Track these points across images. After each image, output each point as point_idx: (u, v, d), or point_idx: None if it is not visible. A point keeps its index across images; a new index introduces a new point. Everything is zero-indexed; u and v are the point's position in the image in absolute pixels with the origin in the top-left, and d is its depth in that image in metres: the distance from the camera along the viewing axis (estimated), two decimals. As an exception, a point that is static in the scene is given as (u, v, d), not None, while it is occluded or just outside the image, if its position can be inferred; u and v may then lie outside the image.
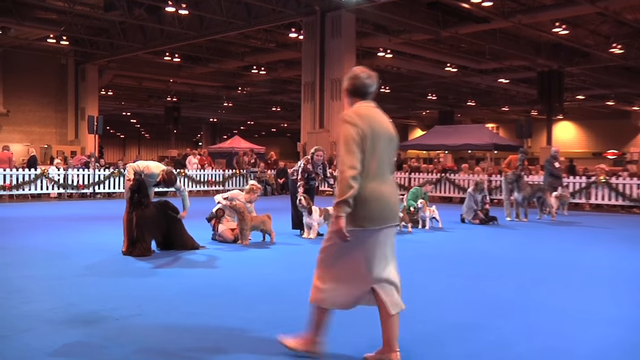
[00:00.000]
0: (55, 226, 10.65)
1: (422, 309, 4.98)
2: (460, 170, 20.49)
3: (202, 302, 5.05)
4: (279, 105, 47.52)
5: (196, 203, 17.00)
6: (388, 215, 3.45)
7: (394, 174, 3.63)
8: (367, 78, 3.58)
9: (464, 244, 9.45)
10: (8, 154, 18.77)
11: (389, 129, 3.53)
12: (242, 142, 31.49)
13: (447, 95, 41.97)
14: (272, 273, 6.50)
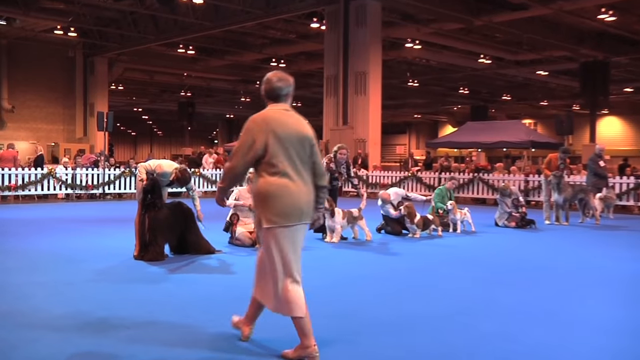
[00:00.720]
0: (63, 229, 10.81)
1: (453, 316, 4.95)
2: (494, 169, 20.31)
3: (218, 309, 5.08)
4: (300, 100, 47.59)
5: (212, 204, 17.14)
6: (297, 213, 3.82)
7: (316, 171, 4.01)
8: (278, 82, 4.03)
9: (498, 248, 9.37)
10: (13, 152, 19.02)
11: (300, 130, 3.93)
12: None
13: (480, 89, 41.63)
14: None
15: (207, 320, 4.74)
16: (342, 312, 5.09)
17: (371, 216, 10.78)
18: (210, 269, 7.02)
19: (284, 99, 4.04)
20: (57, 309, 4.99)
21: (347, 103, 23.57)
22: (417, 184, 20.45)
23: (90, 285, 5.98)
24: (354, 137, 23.18)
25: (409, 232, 10.48)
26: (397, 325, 4.75)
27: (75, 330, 4.44)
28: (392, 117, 51.21)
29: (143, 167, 7.85)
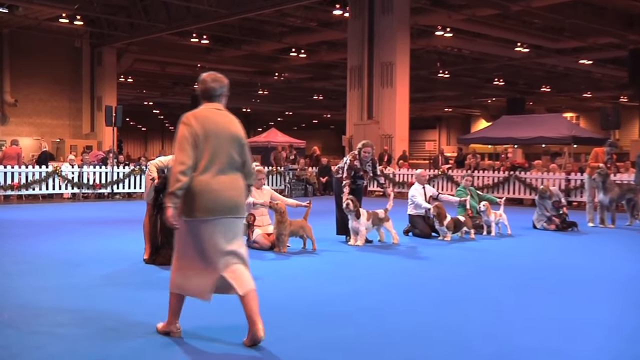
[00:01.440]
0: (68, 230, 10.92)
1: (485, 326, 4.90)
2: (532, 167, 20.11)
3: (233, 318, 5.09)
4: (322, 93, 47.64)
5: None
6: (220, 207, 4.28)
7: (246, 170, 4.52)
8: (213, 82, 4.57)
9: (537, 253, 9.27)
10: (17, 149, 19.24)
11: (229, 128, 4.44)
12: (279, 136, 31.73)
13: (516, 80, 41.28)
14: (313, 286, 6.51)
15: (222, 329, 4.75)
16: (366, 323, 5.07)
17: (398, 217, 10.74)
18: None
19: (218, 99, 4.58)
20: (62, 316, 5.04)
21: (372, 96, 23.52)
22: (447, 183, 20.33)
23: (97, 291, 6.03)
24: (380, 132, 23.12)
25: (439, 234, 10.42)
26: (427, 338, 4.71)
27: (82, 338, 4.48)
28: (420, 111, 50.99)
29: (153, 165, 7.88)
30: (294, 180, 21.79)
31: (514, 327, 5.00)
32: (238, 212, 4.39)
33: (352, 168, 9.84)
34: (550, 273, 7.54)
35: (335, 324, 4.98)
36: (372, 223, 9.58)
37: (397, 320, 5.11)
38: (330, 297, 5.93)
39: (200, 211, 4.26)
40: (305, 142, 32.40)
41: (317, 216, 10.53)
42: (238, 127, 4.54)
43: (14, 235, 10.30)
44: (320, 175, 22.49)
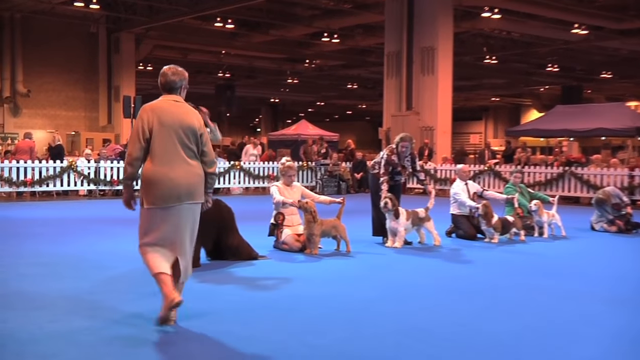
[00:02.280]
0: (84, 230, 11.10)
1: (539, 338, 4.86)
2: (589, 162, 19.83)
3: (261, 324, 5.13)
4: (356, 81, 47.56)
5: (254, 203, 17.39)
6: (174, 195, 4.92)
7: (205, 158, 5.11)
8: (173, 75, 5.19)
9: (595, 257, 9.16)
10: (29, 142, 19.59)
11: (185, 119, 5.02)
12: (310, 128, 31.77)
13: (573, 65, 40.68)
14: (347, 290, 6.52)
15: (246, 337, 4.79)
16: (406, 331, 5.06)
17: (440, 217, 10.70)
18: (253, 277, 7.08)
19: (177, 91, 5.20)
20: (77, 322, 5.13)
21: (412, 84, 23.42)
22: (494, 180, 20.17)
23: (115, 296, 6.12)
24: (420, 124, 23.02)
25: (485, 236, 10.35)
26: (471, 349, 4.70)
27: (99, 345, 4.56)
28: (465, 100, 50.60)
29: None
30: (326, 177, 21.82)
31: (573, 337, 4.95)
32: (193, 198, 5.03)
33: (390, 163, 9.83)
34: (610, 279, 7.45)
35: (371, 332, 4.99)
36: (412, 223, 9.56)
37: (437, 330, 5.10)
38: (366, 303, 5.94)
39: (155, 199, 4.92)
40: (338, 135, 32.38)
41: (351, 215, 10.54)
42: (194, 117, 5.12)
43: (27, 235, 10.50)
44: (354, 171, 22.50)
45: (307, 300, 6.03)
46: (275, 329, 5.02)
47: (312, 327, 5.10)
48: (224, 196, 17.46)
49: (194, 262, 7.42)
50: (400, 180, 10.16)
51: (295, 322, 5.24)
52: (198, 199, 5.09)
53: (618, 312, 5.80)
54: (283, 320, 5.27)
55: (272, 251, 8.89)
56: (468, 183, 11.00)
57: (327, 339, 4.78)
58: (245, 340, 4.70)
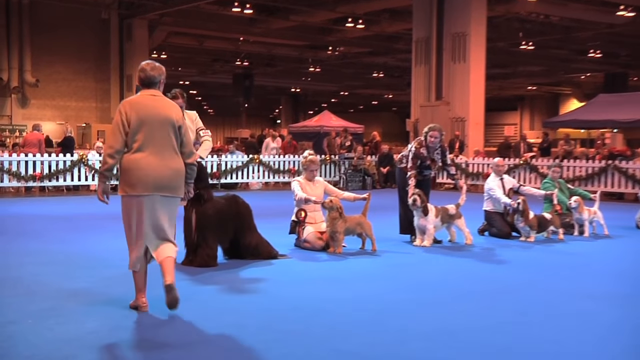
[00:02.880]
0: (97, 227, 11.22)
1: (581, 345, 4.83)
2: (635, 156, 19.62)
3: (282, 327, 5.16)
4: (382, 69, 47.42)
5: (274, 199, 17.42)
6: (149, 185, 5.38)
7: (183, 149, 5.62)
8: (152, 70, 5.65)
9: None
10: (38, 135, 19.83)
11: (162, 113, 5.50)
12: (333, 119, 31.77)
13: (617, 50, 40.20)
14: (373, 291, 6.53)
15: (268, 341, 4.81)
16: (434, 337, 5.06)
17: (472, 214, 10.67)
18: (273, 278, 7.11)
19: (156, 85, 5.65)
20: (90, 323, 5.19)
21: (442, 73, 23.32)
22: (530, 174, 20.03)
23: (130, 297, 6.18)
24: (451, 115, 22.93)
25: (521, 234, 10.30)
26: (508, 354, 4.68)
27: (111, 349, 4.62)
28: (498, 90, 50.25)
29: None
30: (350, 171, 21.83)
31: (621, 350, 4.91)
32: (169, 191, 5.50)
33: (418, 157, 9.81)
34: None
35: (398, 336, 4.99)
36: (442, 220, 9.54)
37: (467, 335, 5.08)
38: (392, 305, 5.94)
39: (129, 187, 5.42)
40: (363, 127, 32.34)
41: (377, 212, 10.54)
42: (172, 111, 5.59)
43: (37, 232, 10.62)
44: (380, 165, 22.47)
45: (331, 302, 6.04)
46: (297, 332, 5.04)
47: (336, 330, 5.12)
48: (242, 192, 17.52)
49: (211, 261, 7.54)
50: (430, 175, 10.12)
51: (318, 325, 5.26)
52: (173, 193, 5.55)
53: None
54: (306, 323, 5.29)
55: (293, 250, 8.92)
56: (504, 178, 10.94)
57: (352, 344, 4.78)
58: (266, 344, 4.73)
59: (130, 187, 5.41)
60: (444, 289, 6.80)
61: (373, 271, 7.72)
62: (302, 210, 9.05)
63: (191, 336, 4.91)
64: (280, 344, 4.75)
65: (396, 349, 4.71)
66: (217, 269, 7.45)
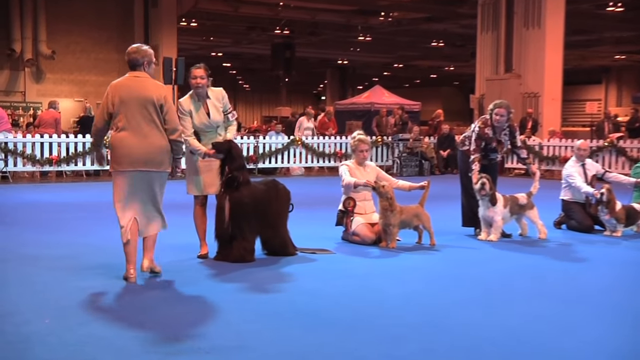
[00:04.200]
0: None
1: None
2: None
3: (328, 330, 5.19)
4: (442, 38, 47.00)
5: (318, 186, 17.43)
6: (132, 161, 6.57)
7: (167, 126, 6.68)
8: (135, 53, 6.84)
9: None
10: (54, 113, 20.09)
11: (142, 93, 6.62)
12: (385, 96, 31.67)
13: None
14: (430, 291, 6.55)
15: (314, 344, 4.86)
16: (500, 343, 5.05)
17: (547, 204, 10.56)
18: (316, 276, 7.15)
19: (141, 67, 6.78)
20: (113, 325, 5.28)
21: (512, 41, 23.07)
22: (617, 158, 19.73)
23: (157, 295, 6.28)
24: (522, 90, 22.71)
25: (605, 228, 10.16)
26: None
27: (137, 354, 4.70)
28: (580, 60, 49.48)
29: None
30: (405, 155, 21.75)
31: None
32: (153, 166, 6.63)
33: (482, 138, 9.72)
34: None
35: (458, 343, 4.99)
36: (511, 211, 9.47)
37: (540, 344, 5.06)
38: (450, 307, 5.94)
39: (116, 163, 6.64)
40: (420, 104, 32.18)
41: (436, 201, 10.51)
42: (152, 90, 6.67)
43: (54, 222, 10.82)
44: (440, 147, 22.35)
45: (382, 302, 6.07)
46: (345, 336, 5.07)
47: (388, 334, 5.14)
48: (281, 178, 17.60)
49: (248, 255, 7.59)
50: (496, 159, 10.03)
51: (368, 328, 5.28)
52: (157, 167, 6.66)
53: None
54: (354, 327, 5.31)
55: (340, 244, 8.95)
56: (586, 163, 10.76)
57: (406, 350, 4.80)
58: (309, 349, 4.78)
59: (117, 164, 6.63)
60: (512, 290, 6.77)
61: (431, 269, 7.73)
62: (350, 199, 9.05)
63: (228, 340, 4.96)
64: (325, 348, 4.79)
65: (456, 355, 4.72)
66: (253, 265, 7.52)
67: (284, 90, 50.45)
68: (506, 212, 9.42)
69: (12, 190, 15.66)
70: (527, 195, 9.56)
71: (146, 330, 5.15)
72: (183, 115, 7.78)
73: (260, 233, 7.94)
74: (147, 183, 6.68)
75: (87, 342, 4.86)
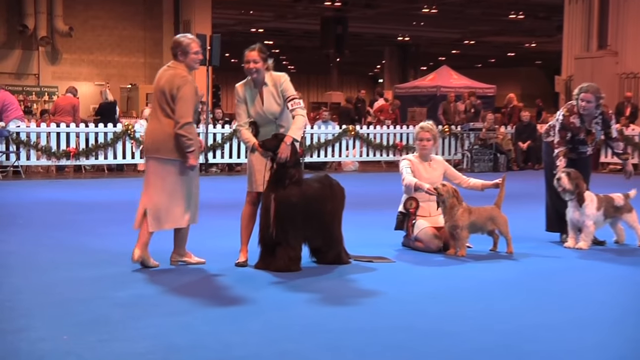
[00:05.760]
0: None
1: None
2: None
3: (386, 353, 5.18)
4: (521, 9, 46.62)
5: (374, 184, 17.37)
6: (146, 148, 7.98)
7: (175, 116, 7.64)
8: (172, 44, 7.93)
9: None
10: (72, 99, 20.22)
11: (157, 83, 7.84)
12: (453, 78, 31.51)
13: None
14: (507, 309, 6.49)
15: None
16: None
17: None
18: (373, 288, 7.13)
19: (176, 58, 7.84)
20: (139, 342, 5.31)
21: (607, 11, 22.78)
22: None
23: (188, 308, 6.31)
24: (619, 70, 22.43)
25: None
26: None
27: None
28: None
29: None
30: (476, 147, 21.63)
31: None
32: (160, 153, 7.69)
33: (567, 128, 9.56)
34: None
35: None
36: (605, 214, 9.33)
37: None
38: (532, 328, 5.88)
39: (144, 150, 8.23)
40: (494, 88, 31.94)
41: (514, 202, 10.43)
42: (166, 80, 7.73)
43: (74, 224, 10.96)
44: (518, 138, 22.17)
45: (449, 320, 6.03)
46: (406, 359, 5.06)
47: (456, 358, 5.12)
48: (332, 173, 17.59)
49: (293, 265, 7.60)
50: (587, 152, 9.88)
51: (432, 350, 5.23)
52: (164, 155, 7.66)
53: None
54: (416, 348, 5.28)
55: (400, 250, 8.95)
56: None
57: None
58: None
59: (144, 151, 8.23)
60: (605, 307, 6.69)
61: (507, 281, 7.65)
62: (412, 199, 8.98)
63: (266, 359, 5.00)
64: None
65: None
66: (299, 275, 7.54)
67: (335, 72, 50.30)
68: (599, 215, 9.27)
69: (24, 187, 15.89)
70: (624, 196, 9.39)
71: (184, 350, 5.17)
72: (237, 102, 8.04)
73: (310, 238, 7.93)
74: (153, 171, 7.75)
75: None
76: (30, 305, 6.38)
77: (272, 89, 7.94)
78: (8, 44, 31.51)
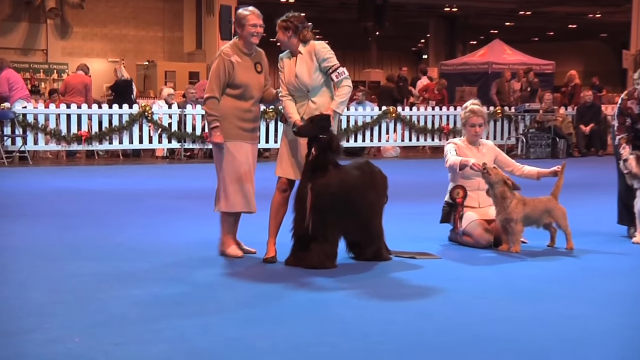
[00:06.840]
0: (167, 209, 11.50)
1: None
2: None
3: (437, 359, 5.21)
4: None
5: (417, 171, 17.29)
6: None
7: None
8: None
9: None
10: (84, 77, 20.28)
11: None
12: (507, 53, 31.34)
13: None
14: (566, 310, 6.46)
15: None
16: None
17: None
18: (415, 287, 7.14)
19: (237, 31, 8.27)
20: (158, 345, 5.36)
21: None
22: None
23: (210, 309, 6.36)
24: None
25: None
26: None
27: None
28: None
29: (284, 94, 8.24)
30: (532, 130, 21.51)
31: None
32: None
33: (625, 113, 9.48)
34: None
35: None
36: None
37: None
38: (595, 333, 5.86)
39: None
40: (553, 64, 31.73)
41: (575, 192, 10.36)
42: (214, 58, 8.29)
43: (85, 215, 11.03)
44: (580, 121, 22.01)
45: (500, 323, 6.01)
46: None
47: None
48: (372, 159, 17.58)
49: (327, 262, 7.60)
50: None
51: (481, 356, 5.23)
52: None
53: None
54: (463, 354, 5.27)
55: (446, 246, 8.95)
56: None
57: None
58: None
59: None
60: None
61: (566, 281, 7.61)
62: (459, 188, 8.92)
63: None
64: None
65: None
66: (334, 272, 7.55)
67: (373, 47, 50.20)
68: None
69: (32, 175, 16.02)
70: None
71: (202, 358, 5.20)
72: (280, 72, 8.24)
73: (348, 232, 7.94)
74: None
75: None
76: (39, 303, 6.42)
77: (307, 57, 7.94)
78: (13, 16, 31.58)
